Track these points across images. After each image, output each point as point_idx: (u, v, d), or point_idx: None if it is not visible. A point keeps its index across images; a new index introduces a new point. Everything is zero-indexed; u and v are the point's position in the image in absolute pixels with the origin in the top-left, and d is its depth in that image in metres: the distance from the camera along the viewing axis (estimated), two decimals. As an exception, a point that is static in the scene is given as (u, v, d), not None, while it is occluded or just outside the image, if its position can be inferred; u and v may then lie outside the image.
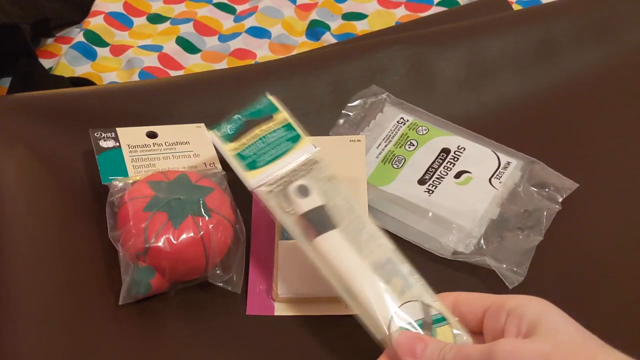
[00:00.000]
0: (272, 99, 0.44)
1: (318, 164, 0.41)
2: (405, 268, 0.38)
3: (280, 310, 0.41)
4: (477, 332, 0.35)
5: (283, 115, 0.43)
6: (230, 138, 0.42)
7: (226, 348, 0.39)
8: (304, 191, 0.40)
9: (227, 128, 0.42)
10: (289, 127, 0.43)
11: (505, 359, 0.31)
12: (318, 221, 0.39)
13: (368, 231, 0.39)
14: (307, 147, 0.42)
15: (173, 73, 0.60)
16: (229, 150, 0.41)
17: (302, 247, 0.39)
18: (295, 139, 0.42)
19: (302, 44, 0.64)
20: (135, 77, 0.59)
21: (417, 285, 0.37)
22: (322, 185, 0.40)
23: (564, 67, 0.56)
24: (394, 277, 0.37)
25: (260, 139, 0.42)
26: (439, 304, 0.36)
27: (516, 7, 0.64)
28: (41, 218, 0.42)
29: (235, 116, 0.42)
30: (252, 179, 0.40)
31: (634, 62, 0.57)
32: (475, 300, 0.36)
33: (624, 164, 0.50)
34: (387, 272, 0.37)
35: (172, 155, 0.46)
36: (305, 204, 0.39)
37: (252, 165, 0.41)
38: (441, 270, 0.44)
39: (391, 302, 0.36)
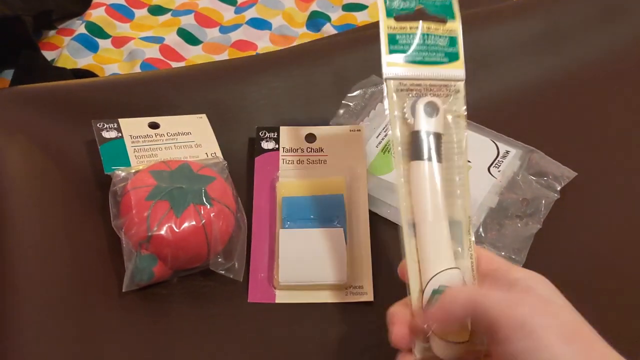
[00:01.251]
0: (454, 2, 0.39)
1: (458, 95, 0.37)
2: (467, 238, 0.35)
3: (282, 297, 0.42)
4: None
5: (455, 26, 0.38)
6: (395, 14, 0.37)
7: (228, 335, 0.40)
8: (433, 110, 0.36)
9: (398, 3, 0.37)
10: (453, 41, 0.38)
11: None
12: (428, 146, 0.36)
13: (461, 184, 0.36)
14: (458, 72, 0.38)
15: (174, 64, 0.60)
16: (386, 25, 0.37)
17: (395, 160, 0.36)
18: (454, 56, 0.38)
19: (302, 35, 0.64)
20: (137, 69, 0.59)
21: (467, 260, 0.35)
22: (449, 117, 0.37)
23: (565, 57, 0.56)
24: (455, 240, 0.35)
25: (422, 35, 0.37)
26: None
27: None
28: (45, 208, 0.43)
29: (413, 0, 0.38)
30: (391, 67, 0.37)
31: (636, 52, 0.57)
32: (483, 259, 0.35)
33: (623, 153, 0.51)
34: (453, 232, 0.35)
35: (174, 146, 0.46)
36: (427, 123, 0.36)
37: (398, 55, 0.37)
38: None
39: (446, 262, 0.34)
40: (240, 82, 0.52)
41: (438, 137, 0.36)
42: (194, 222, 0.39)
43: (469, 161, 0.46)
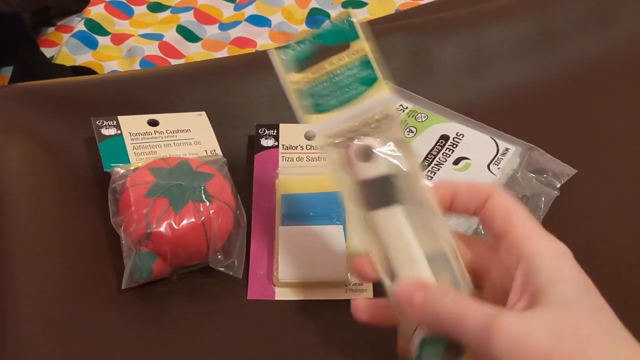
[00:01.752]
0: (355, 21, 0.35)
1: (391, 119, 0.34)
2: (457, 266, 0.33)
3: (281, 294, 0.42)
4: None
5: (362, 45, 0.34)
6: (295, 66, 0.34)
7: (228, 332, 0.40)
8: (368, 154, 0.33)
9: (294, 52, 0.34)
10: (366, 63, 0.34)
11: (502, 347, 0.27)
12: (380, 192, 0.33)
13: (429, 212, 0.33)
14: (383, 95, 0.34)
15: (174, 62, 0.60)
16: (290, 83, 0.34)
17: (357, 213, 0.33)
18: (371, 81, 0.34)
19: (302, 32, 0.64)
20: (136, 66, 0.59)
21: (465, 287, 0.33)
22: (390, 148, 0.34)
23: (564, 54, 0.56)
24: (444, 271, 0.33)
25: (330, 77, 0.34)
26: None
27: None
28: (44, 205, 0.43)
29: (307, 39, 0.34)
30: (315, 126, 0.34)
31: (634, 49, 0.57)
32: (472, 190, 0.32)
33: (623, 150, 0.51)
34: (439, 265, 0.33)
35: (173, 143, 0.46)
36: (368, 170, 0.33)
37: (315, 108, 0.34)
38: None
39: None
40: (239, 80, 0.52)
41: (385, 179, 0.33)
42: (193, 219, 0.39)
43: (467, 158, 0.47)
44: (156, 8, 0.66)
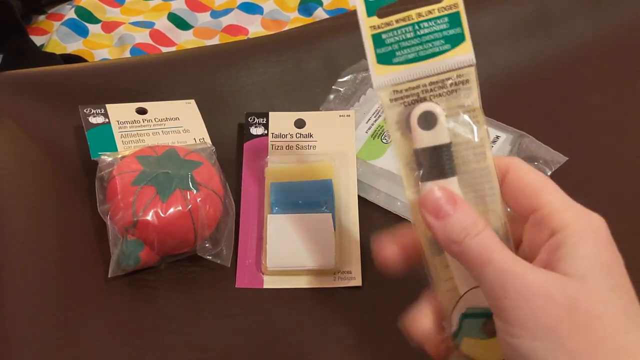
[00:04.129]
0: None
1: (467, 85, 0.31)
2: (508, 245, 0.31)
3: (269, 283, 0.42)
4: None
5: (455, 1, 0.32)
6: (378, 10, 0.31)
7: (216, 320, 0.40)
8: (429, 120, 0.31)
9: None
10: (454, 18, 0.32)
11: (517, 298, 0.27)
12: (435, 163, 0.31)
13: (490, 188, 0.31)
14: (464, 57, 0.31)
15: (165, 49, 0.60)
16: (368, 26, 0.31)
17: (405, 181, 0.32)
18: (456, 40, 0.31)
19: (294, 20, 0.63)
20: (127, 54, 0.59)
21: None
22: (457, 116, 0.31)
23: (556, 41, 0.56)
24: None
25: (413, 25, 0.31)
26: None
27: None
28: (31, 193, 0.43)
29: None
30: (380, 76, 0.31)
31: (627, 36, 0.57)
32: (526, 192, 0.30)
33: (614, 138, 0.50)
34: None
35: (162, 131, 0.46)
36: (427, 138, 0.31)
37: (387, 58, 0.31)
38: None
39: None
40: (229, 68, 0.52)
41: (444, 148, 0.31)
42: (180, 207, 0.39)
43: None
44: (147, -5, 0.65)
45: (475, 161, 0.31)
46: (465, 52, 0.31)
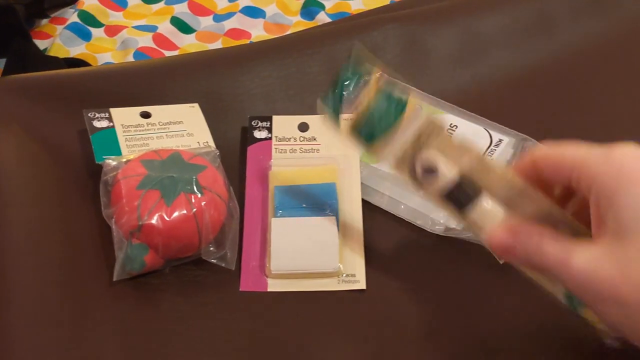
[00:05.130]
0: (357, 65, 0.39)
1: (433, 126, 0.36)
2: (562, 216, 0.33)
3: (274, 286, 0.42)
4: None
5: (375, 80, 0.38)
6: (338, 112, 0.38)
7: (220, 323, 0.40)
8: (431, 169, 0.36)
9: (331, 104, 0.38)
10: (387, 93, 0.38)
11: (576, 284, 0.28)
12: (460, 197, 0.35)
13: (513, 185, 0.34)
14: (415, 113, 0.37)
15: (168, 53, 0.60)
16: (342, 131, 0.38)
17: (457, 220, 0.37)
18: (401, 105, 0.37)
19: (296, 24, 0.64)
20: (130, 58, 0.59)
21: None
22: (446, 151, 0.36)
23: (558, 44, 0.56)
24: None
25: (371, 107, 0.37)
26: None
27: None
28: (36, 197, 0.43)
29: (333, 91, 0.38)
30: (383, 158, 0.37)
31: (629, 37, 0.57)
32: (557, 164, 0.32)
33: (616, 140, 0.50)
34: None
35: (166, 135, 0.46)
36: (440, 184, 0.35)
37: (370, 140, 0.37)
38: (432, 247, 0.44)
39: None
40: (233, 71, 0.52)
41: (459, 184, 0.35)
42: (184, 211, 0.39)
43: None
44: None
45: (487, 177, 0.35)
46: (414, 107, 0.38)
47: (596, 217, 0.29)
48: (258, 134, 0.48)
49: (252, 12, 0.64)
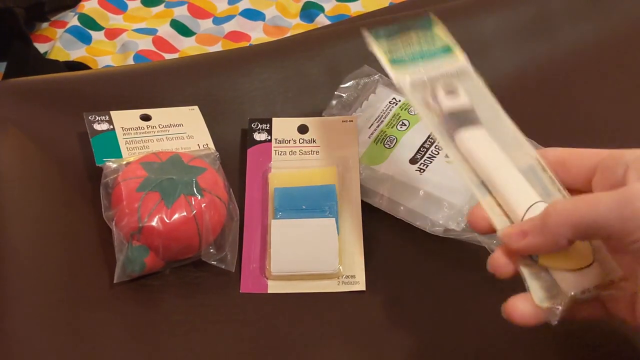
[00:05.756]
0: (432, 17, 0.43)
1: (469, 76, 0.40)
2: (546, 176, 0.35)
3: (274, 287, 0.42)
4: (583, 191, 0.33)
5: (440, 32, 0.42)
6: (385, 38, 0.41)
7: (221, 325, 0.40)
8: (453, 90, 0.39)
9: (388, 33, 0.41)
10: (446, 47, 0.41)
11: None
12: (465, 120, 0.38)
13: (512, 135, 0.38)
14: (461, 59, 0.41)
15: (167, 56, 0.60)
16: (383, 53, 0.40)
17: (444, 145, 0.37)
18: (447, 49, 0.41)
19: (296, 26, 0.64)
20: (130, 61, 0.59)
21: (558, 195, 0.34)
22: (470, 92, 0.39)
23: (559, 44, 0.56)
24: (535, 183, 0.35)
25: (417, 42, 0.41)
26: None
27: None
28: (37, 199, 0.43)
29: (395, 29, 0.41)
30: (397, 71, 0.39)
31: (629, 36, 0.57)
32: (585, 155, 0.34)
33: (616, 141, 0.50)
34: (529, 178, 0.35)
35: (166, 137, 0.46)
36: (454, 103, 0.38)
37: (399, 62, 0.40)
38: (432, 248, 0.44)
39: (534, 196, 0.34)
40: (232, 74, 0.52)
41: (470, 111, 0.38)
42: (184, 213, 0.40)
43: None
44: (150, 2, 0.66)
45: (492, 120, 0.38)
46: (459, 56, 0.41)
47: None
48: (258, 136, 0.48)
49: (252, 14, 0.64)
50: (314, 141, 0.48)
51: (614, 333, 0.38)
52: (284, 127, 0.49)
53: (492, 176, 0.35)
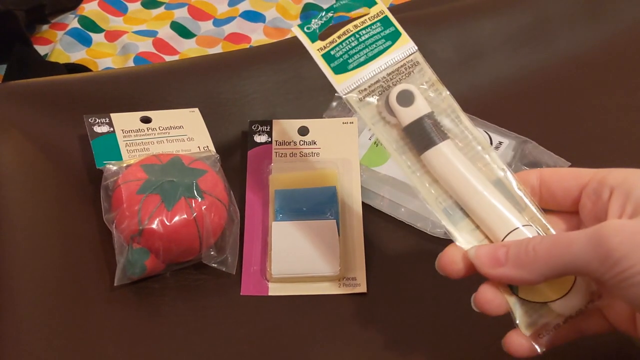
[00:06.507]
0: None
1: (419, 67, 0.36)
2: (515, 188, 0.34)
3: (274, 290, 0.42)
4: (570, 213, 0.33)
5: (379, 7, 0.37)
6: (318, 36, 0.36)
7: (221, 327, 0.40)
8: (407, 97, 0.34)
9: (315, 24, 0.36)
10: (385, 21, 0.36)
11: (620, 243, 0.28)
12: (428, 132, 0.34)
13: (477, 143, 0.35)
14: (407, 46, 0.36)
15: (168, 58, 0.60)
16: (315, 50, 0.36)
17: (405, 162, 0.34)
18: (394, 36, 0.36)
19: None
20: (130, 63, 0.59)
21: (531, 208, 0.33)
22: (425, 91, 0.35)
23: (557, 47, 0.56)
24: (508, 197, 0.33)
25: (353, 35, 0.36)
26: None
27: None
28: (37, 202, 0.43)
29: (325, 11, 0.37)
30: (342, 84, 0.35)
31: (627, 41, 0.57)
32: (568, 176, 0.33)
33: (616, 142, 0.50)
34: (499, 190, 0.33)
35: (166, 140, 0.46)
36: (411, 113, 0.34)
37: (342, 68, 0.35)
38: (433, 249, 0.43)
39: (513, 219, 0.33)
40: (233, 76, 0.52)
41: (429, 117, 0.34)
42: (185, 216, 0.39)
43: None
44: (150, 4, 0.66)
45: (454, 125, 0.35)
46: (406, 43, 0.36)
47: (622, 207, 0.30)
48: (258, 138, 0.48)
49: (252, 16, 0.64)
50: (314, 143, 0.48)
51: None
52: (284, 128, 0.49)
53: (470, 200, 0.33)
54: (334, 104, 0.51)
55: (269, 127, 0.49)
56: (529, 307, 0.32)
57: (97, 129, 0.46)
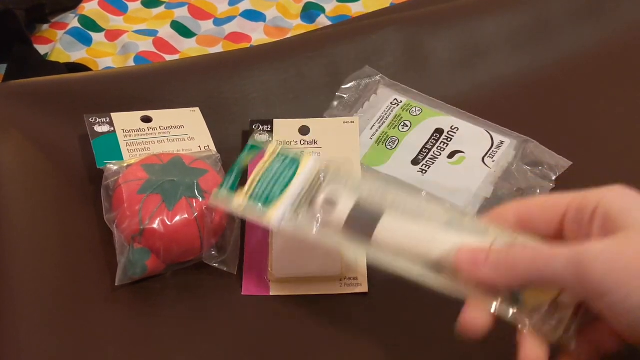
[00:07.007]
0: (254, 142, 0.42)
1: (328, 169, 0.40)
2: (469, 221, 0.35)
3: (276, 290, 0.42)
4: (557, 241, 0.33)
5: (272, 147, 0.41)
6: (235, 191, 0.40)
7: (223, 328, 0.40)
8: (331, 201, 0.37)
9: (227, 185, 0.40)
10: (283, 155, 0.41)
11: (598, 269, 0.28)
12: (364, 219, 0.36)
13: (413, 201, 0.37)
14: (310, 162, 0.40)
15: (168, 57, 0.60)
16: (238, 205, 0.39)
17: (360, 250, 0.37)
18: (296, 161, 0.40)
19: (297, 27, 0.64)
20: (131, 62, 0.59)
21: (493, 230, 0.34)
22: (343, 185, 0.38)
23: (558, 46, 0.56)
24: (470, 231, 0.34)
25: (264, 176, 0.40)
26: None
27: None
28: (38, 202, 0.43)
29: (230, 172, 0.41)
30: (274, 218, 0.38)
31: (629, 41, 0.57)
32: (547, 205, 0.32)
33: (618, 142, 0.50)
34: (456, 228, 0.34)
35: (167, 139, 0.46)
36: (342, 212, 0.36)
37: (267, 203, 0.39)
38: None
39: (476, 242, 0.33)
40: (233, 75, 0.52)
41: (358, 205, 0.36)
42: (186, 215, 0.39)
43: (462, 152, 0.47)
44: (150, 4, 0.66)
45: (385, 196, 0.37)
46: (307, 161, 0.40)
47: (605, 218, 0.30)
48: (259, 138, 0.48)
49: (253, 15, 0.64)
50: (315, 142, 0.48)
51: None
52: (285, 128, 0.49)
53: (433, 253, 0.34)
54: (335, 103, 0.51)
55: (269, 127, 0.49)
56: (536, 309, 0.33)
57: (98, 129, 0.46)
